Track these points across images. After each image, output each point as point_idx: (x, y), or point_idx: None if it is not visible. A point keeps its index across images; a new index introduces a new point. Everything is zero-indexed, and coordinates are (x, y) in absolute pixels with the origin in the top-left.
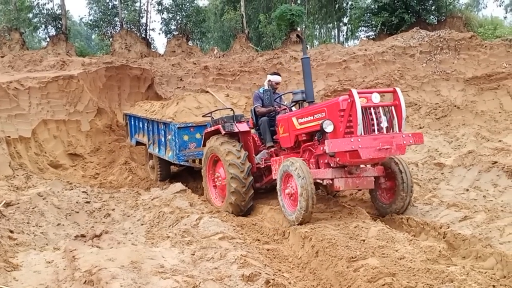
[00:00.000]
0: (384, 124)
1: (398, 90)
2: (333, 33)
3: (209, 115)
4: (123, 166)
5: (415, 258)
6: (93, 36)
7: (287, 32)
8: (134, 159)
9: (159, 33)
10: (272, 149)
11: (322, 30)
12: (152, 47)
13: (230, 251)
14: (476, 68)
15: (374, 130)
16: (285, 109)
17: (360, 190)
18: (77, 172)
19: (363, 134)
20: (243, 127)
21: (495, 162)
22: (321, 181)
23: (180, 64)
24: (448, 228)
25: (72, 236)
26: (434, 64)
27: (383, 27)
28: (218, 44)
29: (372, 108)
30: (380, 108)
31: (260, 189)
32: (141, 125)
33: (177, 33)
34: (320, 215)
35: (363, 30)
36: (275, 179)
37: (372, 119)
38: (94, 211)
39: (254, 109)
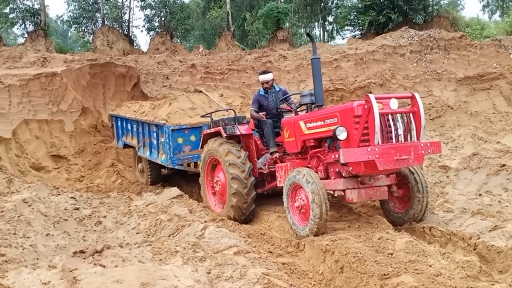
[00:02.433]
0: (402, 132)
1: (417, 95)
2: (317, 32)
3: (209, 115)
4: (110, 168)
5: (453, 274)
6: (69, 34)
7: (273, 30)
8: (121, 161)
9: (141, 31)
10: (276, 155)
11: (307, 29)
12: (134, 44)
13: (249, 268)
14: (467, 68)
15: (391, 139)
16: (290, 110)
17: (374, 201)
18: (60, 175)
19: (380, 143)
20: (245, 129)
21: (504, 165)
22: (332, 192)
23: (165, 62)
24: (479, 239)
25: (68, 253)
26: (424, 64)
27: (370, 26)
28: (200, 43)
29: (389, 115)
30: (398, 115)
31: (262, 194)
32: (129, 127)
33: (160, 30)
34: (336, 224)
35: (348, 30)
36: (281, 186)
37: (389, 127)
38: (84, 218)
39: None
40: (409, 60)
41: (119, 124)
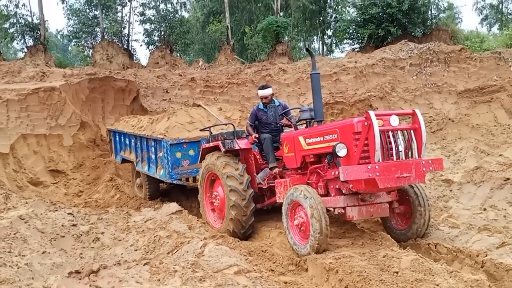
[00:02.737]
0: (402, 149)
1: (418, 112)
2: (316, 45)
3: (208, 130)
4: (109, 183)
5: None
6: (69, 48)
7: (273, 44)
8: (120, 175)
9: (141, 45)
10: (276, 170)
11: (306, 42)
12: (134, 58)
13: None
14: (467, 81)
15: (392, 156)
16: (289, 125)
17: (375, 219)
18: (59, 190)
19: (380, 160)
20: (244, 144)
21: (508, 179)
22: (332, 210)
23: (165, 76)
24: (486, 256)
25: (64, 271)
26: (424, 77)
27: (369, 39)
28: (200, 56)
29: (390, 132)
30: (399, 131)
31: (262, 210)
32: (127, 142)
33: (160, 44)
34: (339, 241)
35: (347, 43)
36: (280, 202)
37: (390, 143)
38: (81, 235)
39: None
40: (409, 73)
41: (117, 138)
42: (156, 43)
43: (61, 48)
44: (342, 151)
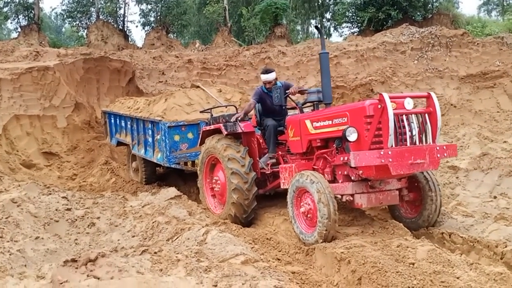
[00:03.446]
0: (416, 133)
1: (433, 95)
2: (313, 29)
3: (208, 111)
4: (104, 166)
5: None
6: (63, 29)
7: (271, 26)
8: (115, 158)
9: (137, 26)
10: (273, 161)
11: (304, 25)
12: (129, 39)
13: (259, 279)
14: (469, 66)
15: (405, 141)
16: (295, 108)
17: (383, 207)
18: (52, 173)
19: (394, 145)
20: (247, 127)
21: None
22: (340, 197)
23: (161, 57)
24: (506, 247)
25: (58, 258)
26: (426, 61)
27: (369, 23)
28: (196, 39)
29: (404, 115)
30: (413, 115)
31: (264, 195)
32: (123, 124)
33: (156, 25)
34: (348, 229)
35: (347, 26)
36: (283, 189)
37: (404, 127)
38: (76, 219)
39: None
40: (410, 58)
41: (113, 121)
42: (152, 24)
43: (54, 29)
44: (352, 136)
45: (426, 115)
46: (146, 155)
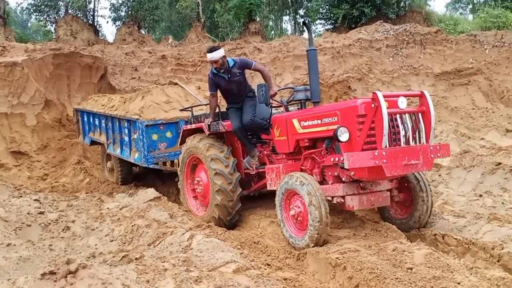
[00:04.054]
0: (410, 133)
1: (426, 93)
2: (288, 25)
3: (189, 109)
4: (77, 166)
5: None
6: (29, 24)
7: (245, 22)
8: (88, 157)
9: (107, 21)
10: (255, 161)
11: (278, 22)
12: (100, 34)
13: None
14: (443, 64)
15: (399, 141)
16: (280, 106)
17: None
18: (22, 173)
19: (388, 146)
20: (230, 126)
21: (499, 164)
22: (330, 199)
23: (134, 53)
24: (503, 249)
25: (32, 266)
26: (400, 59)
27: (343, 20)
28: (167, 35)
29: (397, 115)
30: (407, 114)
31: (249, 196)
32: (97, 122)
33: (127, 20)
34: (339, 232)
35: (321, 23)
36: (268, 190)
37: (398, 127)
38: (49, 223)
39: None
40: (385, 55)
41: (86, 119)
42: (123, 19)
43: (20, 24)
44: (344, 136)
45: (420, 114)
46: (123, 155)
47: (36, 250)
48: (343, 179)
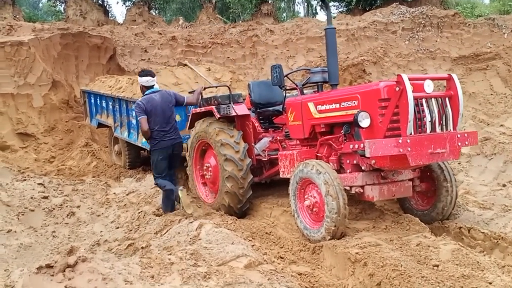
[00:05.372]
0: (437, 119)
1: (455, 77)
2: (298, 8)
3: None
4: (84, 148)
5: None
6: (40, 4)
7: (257, 4)
8: (96, 140)
9: (117, 1)
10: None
11: (290, 3)
12: (110, 15)
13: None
14: (460, 48)
15: (424, 127)
16: (294, 89)
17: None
18: (28, 155)
19: (412, 133)
20: (241, 110)
21: None
22: (348, 189)
23: (144, 34)
24: None
25: (33, 254)
26: (417, 42)
27: (357, 2)
28: (177, 16)
29: (423, 99)
30: (433, 99)
31: (260, 183)
32: (104, 104)
33: (138, 0)
34: (357, 224)
35: (334, 6)
36: (282, 178)
37: (423, 113)
38: (53, 208)
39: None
40: (401, 38)
41: (93, 101)
42: (133, 0)
43: (31, 4)
44: (365, 121)
45: (447, 99)
46: (130, 138)
47: (38, 237)
48: (363, 167)
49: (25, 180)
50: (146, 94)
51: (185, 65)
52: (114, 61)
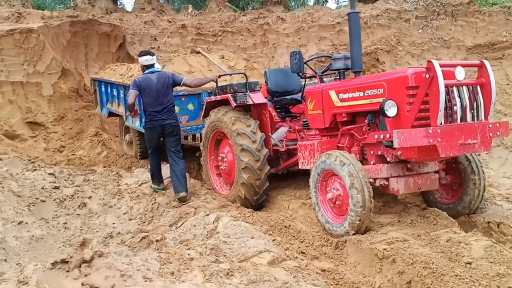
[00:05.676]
0: (468, 108)
1: (487, 64)
2: None
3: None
4: (94, 138)
5: None
6: None
7: None
8: (106, 129)
9: None
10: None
11: None
12: (118, 3)
13: (292, 285)
14: (475, 36)
15: (455, 117)
16: (314, 76)
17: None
18: (38, 144)
19: (443, 123)
20: (258, 98)
21: None
22: (372, 181)
23: (153, 22)
24: None
25: (45, 247)
26: (430, 30)
27: None
28: (186, 5)
29: (454, 87)
30: (464, 87)
31: (276, 175)
32: (115, 93)
33: None
34: (381, 218)
35: None
36: (300, 169)
37: (454, 101)
38: (65, 199)
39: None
40: (415, 26)
41: (103, 89)
42: None
43: None
44: (391, 110)
45: (478, 87)
46: (142, 127)
47: (50, 229)
48: (388, 159)
49: (35, 170)
50: (145, 74)
51: (198, 52)
52: (123, 49)
